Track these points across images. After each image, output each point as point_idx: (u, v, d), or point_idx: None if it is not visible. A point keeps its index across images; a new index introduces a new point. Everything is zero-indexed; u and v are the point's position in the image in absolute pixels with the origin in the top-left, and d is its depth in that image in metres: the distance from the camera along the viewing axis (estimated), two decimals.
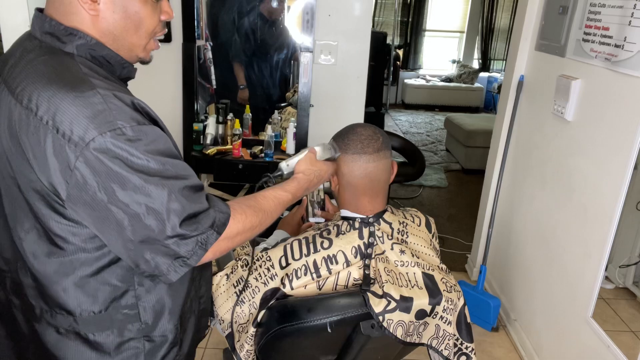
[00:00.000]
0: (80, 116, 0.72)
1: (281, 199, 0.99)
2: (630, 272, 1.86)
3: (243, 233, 0.87)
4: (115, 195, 0.73)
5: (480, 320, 2.37)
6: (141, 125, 0.75)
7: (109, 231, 0.77)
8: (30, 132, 0.74)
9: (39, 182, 0.76)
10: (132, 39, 0.86)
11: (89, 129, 0.71)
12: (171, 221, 0.75)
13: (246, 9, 2.65)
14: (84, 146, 0.71)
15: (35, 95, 0.74)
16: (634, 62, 1.51)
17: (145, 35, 0.87)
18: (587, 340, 1.73)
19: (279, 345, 1.11)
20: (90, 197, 0.74)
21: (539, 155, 2.16)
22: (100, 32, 0.83)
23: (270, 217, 0.94)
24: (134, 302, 0.89)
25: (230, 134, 2.51)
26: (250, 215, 0.88)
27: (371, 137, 1.14)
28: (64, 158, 0.72)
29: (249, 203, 0.91)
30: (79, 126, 0.72)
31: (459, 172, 4.79)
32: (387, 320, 1.06)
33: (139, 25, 0.85)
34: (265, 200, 0.95)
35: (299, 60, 2.47)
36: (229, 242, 0.85)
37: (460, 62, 7.80)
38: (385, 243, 1.16)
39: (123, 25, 0.84)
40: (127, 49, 0.87)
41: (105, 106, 0.73)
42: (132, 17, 0.84)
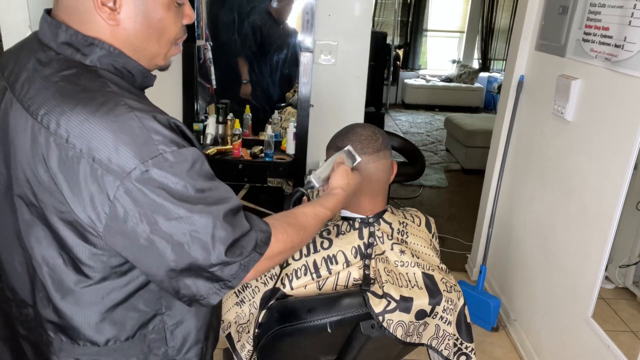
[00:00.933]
0: (119, 143, 0.66)
1: (321, 217, 0.96)
2: (630, 272, 1.86)
3: (284, 252, 0.84)
4: (159, 225, 0.68)
5: (480, 320, 2.37)
6: (181, 148, 0.70)
7: (149, 261, 0.72)
8: (61, 160, 0.68)
9: (71, 213, 0.70)
10: (153, 48, 0.80)
11: (129, 157, 0.66)
12: (217, 249, 0.71)
13: (246, 8, 2.65)
14: (125, 176, 0.66)
15: (64, 120, 0.67)
16: (634, 62, 1.51)
17: (167, 44, 0.82)
18: (587, 340, 1.73)
19: (279, 345, 1.11)
20: (131, 228, 0.69)
21: (539, 155, 2.16)
22: (120, 43, 0.76)
23: (310, 235, 0.92)
24: (161, 326, 0.85)
25: (230, 134, 2.50)
26: (291, 235, 0.85)
27: (371, 137, 1.14)
28: (102, 189, 0.67)
29: (289, 221, 0.88)
30: (118, 154, 0.66)
31: (459, 172, 4.79)
32: (387, 321, 1.06)
33: (162, 33, 0.79)
34: (306, 218, 0.91)
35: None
36: (270, 261, 0.81)
37: (460, 62, 7.80)
38: (385, 243, 1.16)
39: (145, 35, 0.77)
40: (148, 59, 0.81)
41: (144, 131, 0.68)
42: (155, 25, 0.77)
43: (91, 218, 0.69)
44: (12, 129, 0.73)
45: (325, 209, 0.97)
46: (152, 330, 0.84)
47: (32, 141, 0.70)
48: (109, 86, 0.72)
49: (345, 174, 1.07)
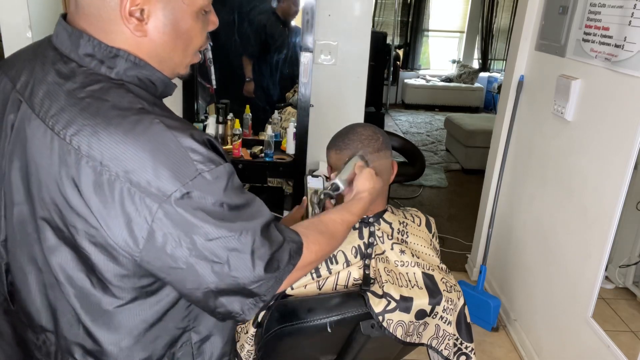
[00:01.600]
0: (157, 165, 0.63)
1: (349, 223, 0.95)
2: (630, 272, 1.86)
3: (315, 262, 0.84)
4: (198, 247, 0.66)
5: (480, 320, 2.37)
6: (218, 166, 0.67)
7: (188, 283, 0.69)
8: (96, 184, 0.64)
9: (104, 237, 0.67)
10: (178, 59, 0.77)
11: (168, 179, 0.63)
12: (257, 268, 0.70)
13: (247, 8, 2.65)
14: (165, 199, 0.63)
15: (96, 141, 0.64)
16: (634, 62, 1.51)
17: (192, 53, 0.78)
18: (587, 340, 1.73)
19: (279, 345, 1.11)
20: (170, 251, 0.66)
21: (539, 155, 2.16)
22: (146, 55, 0.72)
23: (339, 243, 0.92)
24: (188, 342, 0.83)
25: (230, 134, 2.51)
26: (323, 244, 0.85)
27: (371, 137, 1.14)
28: (140, 212, 0.64)
29: (320, 229, 0.87)
30: (157, 177, 0.63)
31: (459, 172, 4.79)
32: (387, 320, 1.06)
33: (189, 43, 0.76)
34: (335, 225, 0.91)
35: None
36: (302, 271, 0.80)
37: (460, 62, 7.80)
38: (385, 243, 1.16)
39: (172, 46, 0.74)
40: (171, 68, 0.77)
41: (183, 151, 0.65)
42: (183, 36, 0.74)
43: (127, 242, 0.66)
44: (33, 148, 0.68)
45: (353, 215, 0.96)
46: (180, 348, 0.82)
47: (60, 162, 0.65)
48: (139, 102, 0.68)
49: (371, 178, 1.05)
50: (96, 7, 0.69)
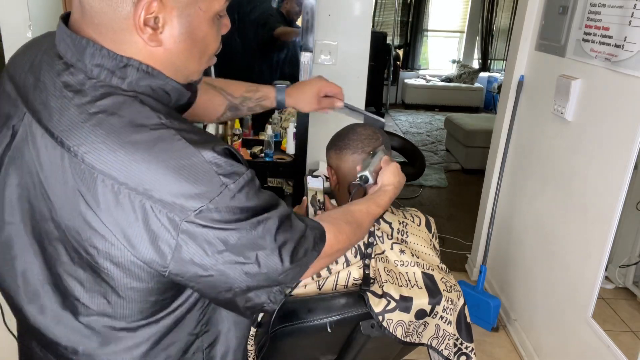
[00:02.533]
0: (182, 182, 0.61)
1: (374, 215, 0.97)
2: (630, 272, 1.86)
3: (341, 250, 0.85)
4: (227, 254, 0.65)
5: (480, 320, 2.37)
6: (240, 175, 0.65)
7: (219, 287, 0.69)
8: (117, 204, 0.61)
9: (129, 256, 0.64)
10: (193, 67, 0.73)
11: (195, 197, 0.61)
12: (285, 260, 0.70)
13: (247, 8, 2.65)
14: (191, 214, 0.61)
15: (112, 160, 0.60)
16: (634, 62, 1.51)
17: (207, 60, 0.75)
18: (587, 340, 1.73)
19: (279, 345, 1.11)
20: (199, 261, 0.65)
21: (539, 155, 2.16)
22: (160, 65, 0.68)
23: (365, 232, 0.92)
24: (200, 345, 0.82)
25: (230, 134, 2.51)
26: (349, 232, 0.86)
27: (371, 137, 1.15)
28: (165, 228, 0.62)
29: (347, 219, 0.88)
30: (183, 195, 0.61)
31: (459, 172, 4.79)
32: (387, 320, 1.06)
33: (205, 50, 0.73)
34: (361, 215, 0.93)
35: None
36: (328, 259, 0.81)
37: (460, 62, 7.80)
38: (385, 243, 1.16)
39: (187, 54, 0.70)
40: (184, 76, 0.73)
41: (207, 166, 0.63)
42: (198, 43, 0.70)
43: (154, 259, 0.64)
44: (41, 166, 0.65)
45: (379, 207, 0.98)
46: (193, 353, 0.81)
47: (74, 182, 0.62)
48: (156, 116, 0.64)
49: (397, 172, 1.07)
50: (107, 16, 0.64)
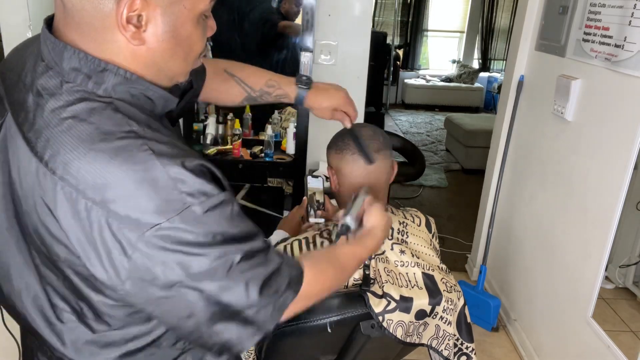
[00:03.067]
0: (141, 196, 0.58)
1: (362, 258, 0.93)
2: (630, 272, 1.86)
3: (321, 292, 0.80)
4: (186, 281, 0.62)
5: (481, 320, 2.37)
6: (210, 197, 0.62)
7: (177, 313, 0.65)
8: (74, 213, 0.59)
9: (86, 268, 0.62)
10: (178, 68, 0.71)
11: (152, 212, 0.58)
12: (250, 292, 0.65)
13: (247, 8, 2.65)
14: (146, 231, 0.58)
15: (75, 167, 0.59)
16: (634, 62, 1.51)
17: (192, 61, 0.73)
18: (587, 340, 1.73)
19: (279, 346, 1.11)
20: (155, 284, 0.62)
21: (539, 155, 2.16)
22: (142, 65, 0.67)
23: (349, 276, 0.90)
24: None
25: (230, 134, 2.50)
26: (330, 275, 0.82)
27: (371, 137, 1.14)
28: (121, 244, 0.59)
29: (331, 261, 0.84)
30: (140, 209, 0.58)
31: (459, 172, 4.79)
32: (387, 321, 1.06)
33: (190, 51, 0.70)
34: (346, 258, 0.88)
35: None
36: (307, 301, 0.76)
37: (460, 62, 7.80)
38: (385, 243, 1.16)
39: (171, 54, 0.68)
40: (168, 78, 0.72)
41: (171, 182, 0.59)
42: (183, 43, 0.68)
43: (109, 275, 0.61)
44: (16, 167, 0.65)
45: (365, 249, 0.94)
46: None
47: (38, 188, 0.61)
48: (128, 124, 0.62)
49: (382, 212, 1.00)
50: (88, 14, 0.62)
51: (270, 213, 2.79)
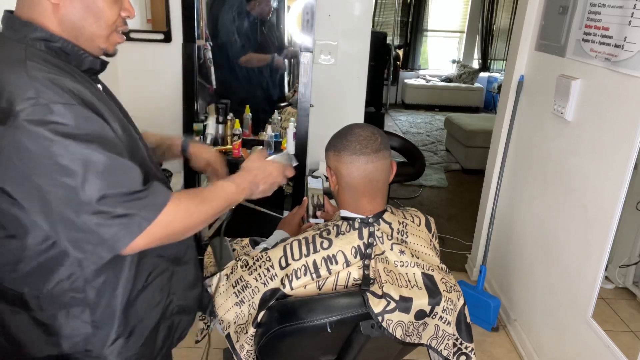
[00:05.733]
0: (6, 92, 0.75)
1: (223, 188, 0.99)
2: (630, 272, 1.86)
3: (178, 220, 0.86)
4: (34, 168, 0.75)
5: (480, 320, 2.37)
6: (68, 105, 0.77)
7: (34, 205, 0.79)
8: None
9: None
10: (91, 28, 0.89)
11: (13, 103, 0.74)
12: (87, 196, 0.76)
13: (245, 8, 2.65)
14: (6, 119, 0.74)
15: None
16: (634, 62, 1.51)
17: (106, 27, 0.90)
18: (587, 340, 1.73)
19: (279, 345, 1.11)
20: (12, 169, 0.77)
21: (539, 155, 2.16)
22: (61, 22, 0.86)
23: (208, 205, 0.93)
24: (81, 285, 0.91)
25: (230, 134, 2.50)
26: (184, 201, 0.87)
27: (370, 138, 1.14)
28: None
29: (187, 191, 0.92)
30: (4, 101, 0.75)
31: (459, 172, 4.79)
32: (387, 321, 1.06)
33: (98, 16, 0.89)
34: (204, 190, 0.96)
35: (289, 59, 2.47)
36: (164, 229, 0.84)
37: (460, 62, 7.80)
38: (385, 243, 1.16)
39: (82, 15, 0.87)
40: (88, 39, 0.90)
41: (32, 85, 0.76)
42: (91, 7, 0.88)
43: None
44: None
45: (229, 182, 1.02)
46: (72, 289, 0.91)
47: None
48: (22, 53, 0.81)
49: (254, 157, 1.14)
50: None
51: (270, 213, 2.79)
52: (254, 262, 1.18)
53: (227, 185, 1.00)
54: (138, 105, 0.86)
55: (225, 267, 1.25)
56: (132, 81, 2.56)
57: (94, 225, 0.77)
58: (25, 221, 0.85)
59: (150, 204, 0.81)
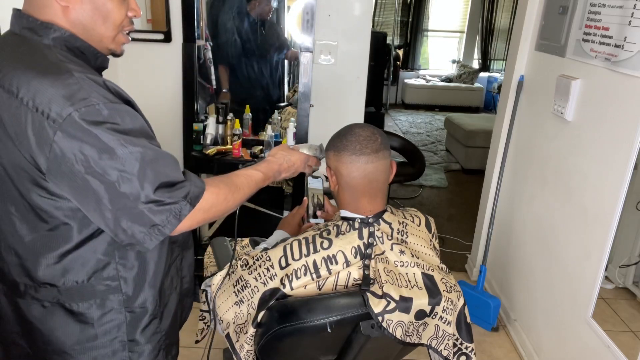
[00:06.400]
0: (58, 96, 0.78)
1: (252, 176, 1.05)
2: (630, 272, 1.86)
3: (217, 205, 0.93)
4: (91, 165, 0.79)
5: (480, 320, 2.37)
6: (114, 103, 0.82)
7: (88, 201, 0.83)
8: (12, 113, 0.80)
9: (22, 159, 0.82)
10: (100, 30, 0.92)
11: (65, 106, 0.78)
12: (145, 188, 0.81)
13: (245, 9, 2.65)
14: (62, 122, 0.77)
15: (15, 80, 0.80)
16: (634, 62, 1.51)
17: (113, 28, 0.93)
18: (587, 340, 1.73)
19: (279, 345, 1.11)
20: (68, 169, 0.79)
21: (539, 155, 2.16)
22: (71, 23, 0.89)
23: (242, 192, 1.00)
24: (115, 274, 0.96)
25: (230, 134, 2.50)
26: (223, 188, 0.94)
27: (369, 138, 1.14)
28: (43, 134, 0.78)
29: (222, 179, 0.98)
30: (57, 105, 0.78)
31: (459, 172, 4.79)
32: (387, 321, 1.06)
33: (106, 17, 0.91)
34: (237, 177, 1.01)
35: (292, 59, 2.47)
36: (205, 213, 0.90)
37: (460, 62, 7.79)
38: (385, 243, 1.16)
39: (91, 16, 0.90)
40: (97, 40, 0.93)
41: (79, 86, 0.80)
42: (100, 8, 0.90)
43: (36, 160, 0.81)
44: None
45: (257, 171, 1.08)
46: (106, 277, 0.95)
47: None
48: (57, 56, 0.85)
49: (281, 147, 1.22)
50: None
51: (270, 213, 2.79)
52: (254, 262, 1.18)
53: (256, 174, 1.07)
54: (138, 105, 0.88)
55: (225, 267, 1.25)
56: (132, 81, 2.56)
57: (148, 212, 0.82)
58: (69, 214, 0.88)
59: (192, 192, 0.86)
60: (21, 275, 0.93)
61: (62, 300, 0.94)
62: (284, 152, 1.20)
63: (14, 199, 0.87)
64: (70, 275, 0.93)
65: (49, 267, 0.91)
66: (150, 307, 1.02)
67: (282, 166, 1.17)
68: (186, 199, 0.85)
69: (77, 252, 0.91)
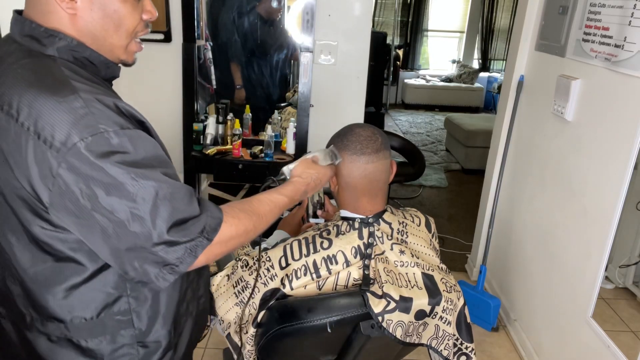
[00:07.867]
0: (62, 122, 0.69)
1: (277, 202, 0.96)
2: (630, 272, 1.86)
3: (237, 237, 0.85)
4: (99, 201, 0.71)
5: (480, 320, 2.37)
6: (125, 129, 0.73)
7: (94, 239, 0.75)
8: (11, 138, 0.71)
9: (22, 189, 0.73)
10: (112, 39, 0.83)
11: (71, 134, 0.69)
12: (158, 228, 0.73)
13: (246, 9, 2.65)
14: (66, 152, 0.69)
15: (15, 101, 0.71)
16: (634, 62, 1.51)
17: (126, 35, 0.84)
18: (587, 340, 1.73)
19: (279, 346, 1.11)
20: (73, 204, 0.72)
21: (539, 155, 2.16)
22: (80, 32, 0.80)
23: (265, 221, 0.92)
24: (127, 308, 0.87)
25: (230, 134, 2.51)
26: (243, 219, 0.86)
27: (370, 138, 1.14)
28: (45, 164, 0.70)
29: (242, 207, 0.89)
30: (61, 132, 0.69)
31: (459, 172, 4.79)
32: (387, 321, 1.06)
33: (119, 24, 0.82)
34: (260, 204, 0.92)
35: (298, 60, 2.47)
36: (222, 247, 0.82)
37: (460, 62, 7.79)
38: (384, 243, 1.16)
39: (102, 25, 0.81)
40: (108, 50, 0.84)
41: (87, 110, 0.71)
42: (111, 15, 0.81)
43: (37, 193, 0.72)
44: None
45: (282, 195, 0.99)
46: (117, 312, 0.87)
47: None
48: (62, 72, 0.75)
49: (305, 164, 1.10)
50: None
51: None
52: (255, 262, 1.18)
53: (281, 200, 0.98)
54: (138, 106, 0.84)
55: (225, 267, 1.25)
56: (132, 81, 2.56)
57: (161, 252, 0.74)
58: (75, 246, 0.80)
59: (208, 225, 0.78)
60: (27, 306, 0.85)
61: (70, 336, 0.86)
62: (310, 170, 1.09)
63: (15, 229, 0.79)
64: (78, 310, 0.85)
65: (56, 301, 0.83)
66: (165, 341, 0.93)
67: (310, 185, 1.08)
68: (202, 234, 0.77)
69: (85, 286, 0.83)
